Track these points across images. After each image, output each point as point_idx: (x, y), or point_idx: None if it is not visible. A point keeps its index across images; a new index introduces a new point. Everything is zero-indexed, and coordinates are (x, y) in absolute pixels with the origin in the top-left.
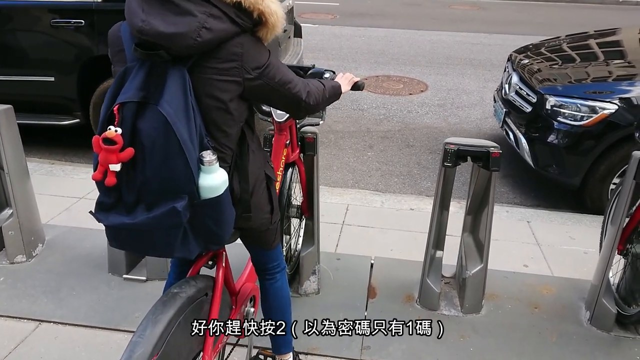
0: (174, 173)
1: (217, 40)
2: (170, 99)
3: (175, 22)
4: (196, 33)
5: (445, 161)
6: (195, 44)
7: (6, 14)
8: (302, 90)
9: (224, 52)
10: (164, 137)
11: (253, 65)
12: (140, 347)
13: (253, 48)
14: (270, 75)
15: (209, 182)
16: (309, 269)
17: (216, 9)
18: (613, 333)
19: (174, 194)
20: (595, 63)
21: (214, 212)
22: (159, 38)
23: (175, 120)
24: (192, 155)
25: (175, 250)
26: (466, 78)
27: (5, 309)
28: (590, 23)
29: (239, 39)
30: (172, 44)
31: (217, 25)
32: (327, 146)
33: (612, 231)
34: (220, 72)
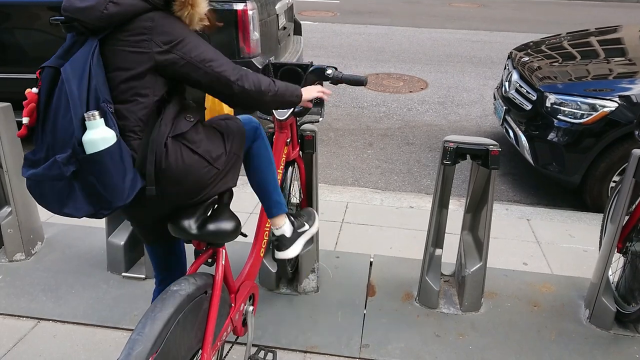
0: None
1: (124, 13)
2: (73, 62)
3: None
4: (103, 6)
5: (444, 159)
6: (103, 16)
7: (5, 12)
8: (230, 71)
9: (134, 25)
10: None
11: (164, 39)
12: (139, 344)
13: (165, 24)
14: (184, 50)
15: (89, 136)
16: (308, 267)
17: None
18: (612, 331)
19: (63, 148)
20: (595, 61)
21: (96, 169)
22: (75, 12)
23: (69, 78)
24: (78, 110)
25: (64, 206)
26: (466, 76)
27: (4, 307)
28: (590, 20)
29: (150, 14)
30: (84, 16)
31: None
32: (327, 144)
33: (612, 229)
34: (131, 44)
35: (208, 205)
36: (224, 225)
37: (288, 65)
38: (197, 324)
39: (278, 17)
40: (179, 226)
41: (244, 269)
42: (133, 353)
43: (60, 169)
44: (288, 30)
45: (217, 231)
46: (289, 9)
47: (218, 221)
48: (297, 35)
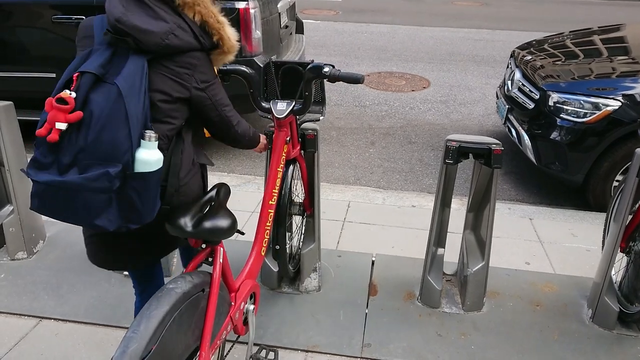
0: (115, 141)
1: (180, 47)
2: (127, 77)
3: (150, 23)
4: (165, 36)
5: (446, 158)
6: (163, 44)
7: (8, 10)
8: (234, 116)
9: (181, 59)
10: (114, 108)
11: (202, 78)
12: (134, 342)
13: (205, 65)
14: (212, 92)
15: (145, 156)
16: (310, 266)
17: (185, 23)
18: (615, 331)
19: (110, 162)
20: (598, 59)
21: (141, 186)
22: (133, 30)
23: (128, 94)
24: (135, 128)
25: (95, 218)
26: (469, 74)
27: (6, 306)
28: (594, 19)
29: (197, 53)
30: (143, 37)
31: (183, 35)
32: (329, 143)
33: (615, 229)
34: (174, 73)
35: (204, 203)
36: (220, 222)
37: (289, 64)
38: (195, 322)
39: (280, 16)
40: (175, 224)
41: (245, 267)
42: (128, 351)
43: (110, 182)
44: (290, 28)
45: (213, 229)
46: (291, 8)
47: (214, 219)
48: (299, 34)
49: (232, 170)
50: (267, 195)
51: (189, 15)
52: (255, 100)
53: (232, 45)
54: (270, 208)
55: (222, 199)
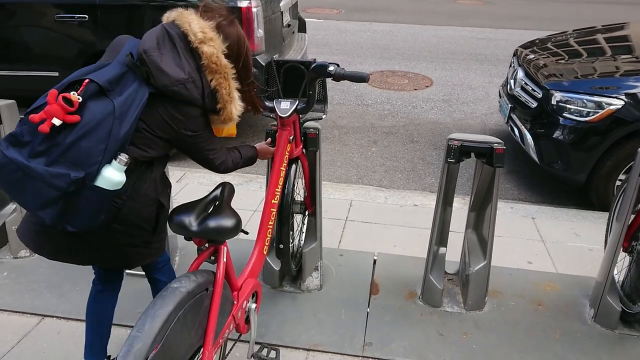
0: (89, 151)
1: (184, 97)
2: (126, 100)
3: (171, 67)
4: (177, 84)
5: (448, 157)
6: (170, 89)
7: (11, 9)
8: (218, 158)
9: (182, 106)
10: (102, 122)
11: (192, 128)
12: (138, 341)
13: (200, 119)
14: (197, 140)
15: (109, 174)
16: (312, 265)
17: (200, 82)
18: (617, 331)
19: (76, 166)
20: (602, 58)
21: (93, 198)
22: (153, 66)
23: (119, 116)
24: (112, 147)
25: (40, 209)
26: (471, 73)
27: (8, 304)
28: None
29: (197, 109)
30: (157, 75)
31: (193, 90)
32: (331, 142)
33: (618, 228)
34: (168, 115)
35: (209, 202)
36: (225, 222)
37: (291, 63)
38: (198, 321)
39: (282, 15)
40: (179, 223)
41: (247, 266)
42: (132, 350)
43: (66, 185)
44: (292, 27)
45: (217, 228)
46: (294, 6)
47: (218, 218)
48: (302, 33)
49: None
50: (269, 194)
51: (208, 77)
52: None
53: (231, 119)
54: (273, 207)
55: (227, 198)
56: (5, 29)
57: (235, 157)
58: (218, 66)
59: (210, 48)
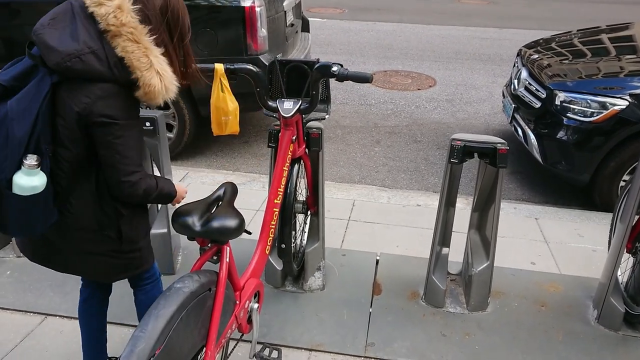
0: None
1: (85, 73)
2: (21, 98)
3: (63, 41)
4: (69, 58)
5: (451, 158)
6: (63, 66)
7: (15, 8)
8: (130, 172)
9: (88, 87)
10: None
11: (103, 112)
12: (142, 341)
13: (114, 99)
14: (112, 133)
15: (20, 181)
16: (314, 265)
17: (103, 51)
18: (621, 332)
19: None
20: (606, 58)
21: (17, 205)
22: (41, 45)
23: (14, 117)
24: (15, 153)
25: None
26: (475, 73)
27: (11, 302)
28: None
29: (107, 85)
30: (47, 55)
31: (92, 62)
32: (334, 141)
33: (621, 229)
34: (74, 101)
35: (212, 202)
36: (228, 222)
37: (295, 62)
38: (201, 321)
39: (286, 14)
40: (182, 223)
41: (249, 266)
42: (136, 350)
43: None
44: (296, 27)
45: (221, 228)
46: (297, 6)
47: (222, 218)
48: (305, 32)
49: (237, 169)
50: (272, 194)
51: (112, 43)
52: (262, 98)
53: (154, 92)
54: (276, 207)
55: (230, 198)
56: (8, 29)
57: (149, 185)
58: (119, 27)
59: (106, 8)
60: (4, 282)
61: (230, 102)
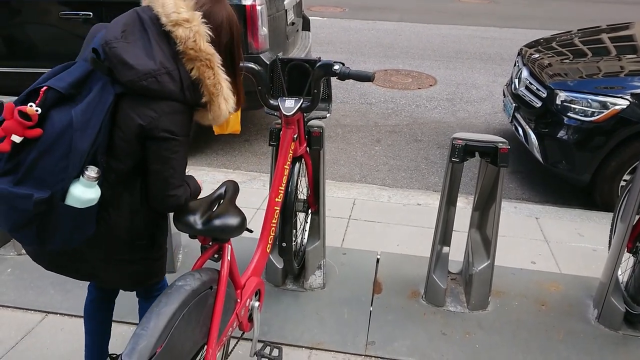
0: (52, 169)
1: (157, 93)
2: (86, 108)
3: (138, 58)
4: (145, 77)
5: (452, 157)
6: (138, 85)
7: (16, 6)
8: (176, 186)
9: (157, 103)
10: (62, 136)
11: (166, 127)
12: (143, 339)
13: (178, 115)
14: (170, 148)
15: (78, 193)
16: (315, 263)
17: (177, 72)
18: (621, 332)
19: (42, 185)
20: (607, 58)
21: (67, 217)
22: (116, 58)
23: (79, 128)
24: (76, 162)
25: (13, 231)
26: (475, 72)
27: (12, 300)
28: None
29: (176, 104)
30: (121, 70)
31: (167, 83)
32: (335, 140)
33: (622, 228)
34: (140, 114)
35: (213, 200)
36: (230, 220)
37: (296, 61)
38: (202, 319)
39: (286, 13)
40: (184, 221)
41: (250, 264)
42: (137, 348)
43: (30, 206)
44: (296, 25)
45: (222, 227)
46: (298, 5)
47: (224, 217)
48: (306, 31)
49: (238, 167)
50: (273, 192)
51: (187, 66)
52: (263, 97)
53: (219, 116)
54: (277, 205)
55: (231, 196)
56: (9, 26)
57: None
58: (197, 52)
59: (185, 30)
60: (5, 280)
61: (233, 120)
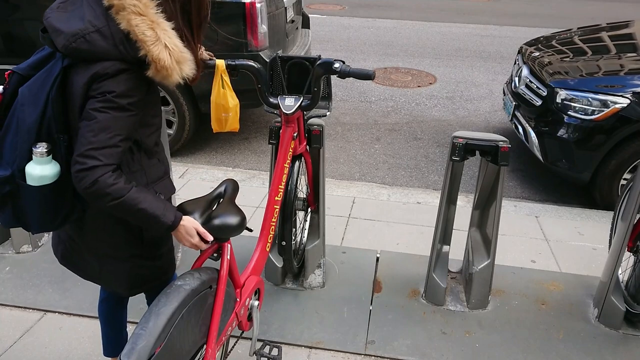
0: (11, 147)
1: (90, 53)
2: (32, 84)
3: (67, 23)
4: (74, 39)
5: (453, 155)
6: (70, 47)
7: (16, 3)
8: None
9: (96, 67)
10: (13, 114)
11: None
12: (142, 339)
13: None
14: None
15: (31, 171)
16: (314, 262)
17: (108, 28)
18: (621, 331)
19: (5, 164)
20: (607, 56)
21: (30, 197)
22: (50, 28)
23: (25, 102)
24: (24, 139)
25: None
26: (475, 70)
27: (11, 299)
28: (602, 16)
29: (114, 63)
30: (55, 37)
31: (98, 41)
32: (334, 138)
33: (622, 227)
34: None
35: (213, 199)
36: (229, 219)
37: (296, 59)
38: (202, 318)
39: (286, 10)
40: None
41: (250, 263)
42: (136, 347)
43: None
44: (296, 23)
45: (222, 226)
46: (297, 2)
47: (223, 216)
48: (305, 29)
49: (237, 165)
50: (273, 191)
51: (117, 19)
52: (263, 95)
53: (165, 67)
54: (276, 204)
55: (231, 195)
56: (10, 23)
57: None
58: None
59: None
60: (4, 278)
61: (231, 99)
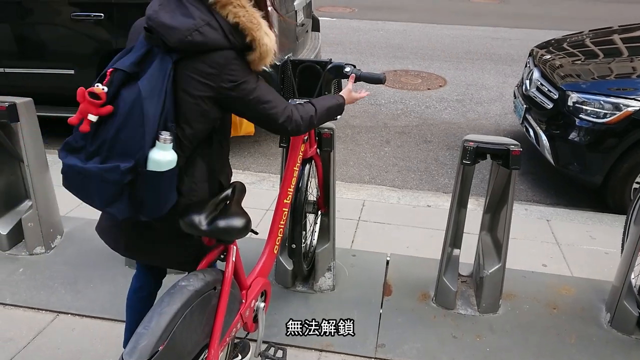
0: (130, 139)
1: (204, 44)
2: (150, 77)
3: (178, 20)
4: (189, 32)
5: (464, 159)
6: (186, 41)
7: (28, 7)
8: (280, 113)
9: (209, 58)
10: (134, 107)
11: (230, 79)
12: (145, 338)
13: (235, 64)
14: (244, 92)
15: (156, 157)
16: (324, 265)
17: (216, 21)
18: (634, 336)
19: (125, 157)
20: (619, 59)
21: (152, 183)
22: (160, 26)
23: (147, 96)
24: (150, 129)
25: (107, 205)
26: (486, 73)
27: (24, 300)
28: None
29: (225, 52)
30: (168, 34)
31: (210, 33)
32: (344, 141)
33: (635, 231)
34: (200, 74)
35: (219, 201)
36: (234, 222)
37: (306, 62)
38: (205, 319)
39: (296, 14)
40: (189, 222)
41: (257, 265)
42: (138, 347)
43: (120, 176)
44: (306, 26)
45: (227, 228)
46: (307, 5)
47: (228, 218)
48: (315, 32)
49: (247, 168)
50: (282, 193)
51: (222, 13)
52: None
53: (267, 50)
54: (285, 207)
55: (237, 197)
56: (21, 27)
57: (305, 112)
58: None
59: None
60: (17, 280)
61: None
